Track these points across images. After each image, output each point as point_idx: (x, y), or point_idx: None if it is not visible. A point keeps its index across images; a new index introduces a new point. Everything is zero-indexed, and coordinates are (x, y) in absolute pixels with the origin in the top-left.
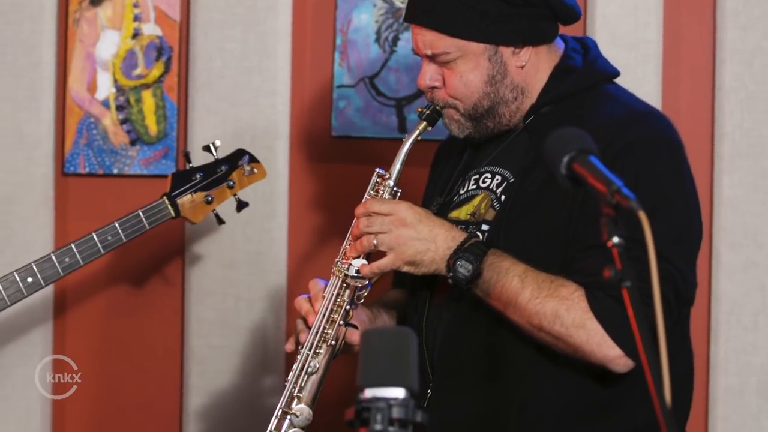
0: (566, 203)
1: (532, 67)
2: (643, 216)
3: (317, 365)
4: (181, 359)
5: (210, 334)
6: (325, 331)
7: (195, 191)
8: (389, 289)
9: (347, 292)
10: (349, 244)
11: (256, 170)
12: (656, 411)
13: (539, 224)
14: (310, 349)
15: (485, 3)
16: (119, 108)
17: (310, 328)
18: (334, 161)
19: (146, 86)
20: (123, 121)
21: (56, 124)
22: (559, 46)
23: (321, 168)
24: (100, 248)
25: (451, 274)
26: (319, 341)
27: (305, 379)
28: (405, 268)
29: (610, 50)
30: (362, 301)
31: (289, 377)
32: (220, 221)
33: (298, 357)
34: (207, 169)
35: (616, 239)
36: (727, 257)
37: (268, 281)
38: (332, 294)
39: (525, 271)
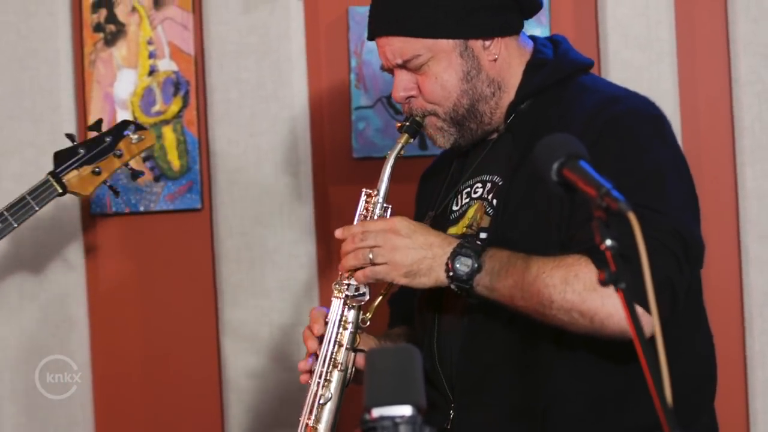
0: (556, 194)
1: (504, 61)
2: (632, 217)
3: (330, 394)
4: (220, 390)
5: (247, 363)
6: (334, 356)
7: (80, 165)
8: (387, 329)
9: (351, 313)
10: None
11: (143, 137)
12: (656, 407)
13: (534, 220)
14: (320, 377)
15: (447, 0)
16: None
17: (315, 355)
18: (357, 183)
19: (166, 122)
20: (145, 159)
21: None
22: (528, 43)
23: (344, 190)
24: None
25: (451, 274)
26: (328, 368)
27: (319, 409)
28: (402, 281)
29: (623, 52)
30: (367, 324)
31: (303, 409)
32: (116, 193)
33: (309, 387)
34: (90, 144)
35: (609, 242)
36: (755, 250)
37: (300, 307)
38: (336, 317)
39: (528, 255)
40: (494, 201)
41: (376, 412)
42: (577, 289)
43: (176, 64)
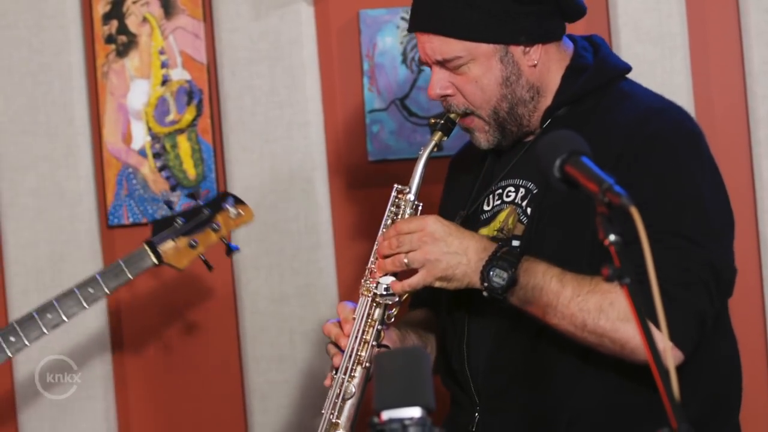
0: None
1: (544, 66)
2: (634, 211)
3: (353, 390)
4: (243, 397)
5: (268, 370)
6: (359, 353)
7: (177, 237)
8: (408, 311)
9: (377, 311)
10: (374, 263)
11: (242, 212)
12: (665, 404)
13: (569, 233)
14: (345, 373)
15: (491, 3)
16: (156, 155)
17: (343, 352)
18: (374, 186)
19: (180, 131)
20: (161, 168)
21: (96, 178)
22: (569, 45)
23: (361, 194)
24: (83, 302)
25: (486, 284)
26: (353, 364)
27: (342, 404)
28: (437, 284)
29: (635, 46)
30: (392, 320)
31: (325, 404)
32: (209, 267)
33: (333, 382)
34: (189, 214)
35: (612, 237)
36: None
37: (320, 312)
38: (363, 314)
39: (562, 272)
40: (528, 209)
41: (386, 415)
42: (611, 318)
43: (189, 73)
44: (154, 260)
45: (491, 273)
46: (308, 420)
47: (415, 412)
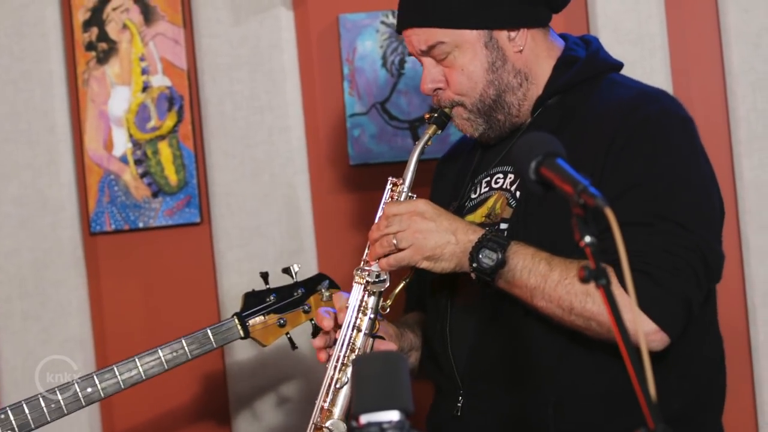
0: None
1: (531, 52)
2: (609, 212)
3: (346, 379)
4: (227, 403)
5: (252, 376)
6: (353, 341)
7: (267, 313)
8: (403, 314)
9: (371, 299)
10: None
11: (333, 297)
12: (641, 401)
13: (558, 215)
14: (337, 361)
15: None
16: (137, 162)
17: (335, 341)
18: (355, 190)
19: (161, 137)
20: (143, 175)
21: (77, 185)
22: (560, 42)
23: (343, 198)
24: (165, 364)
25: (474, 265)
26: (347, 352)
27: (335, 392)
28: (424, 264)
29: (615, 47)
30: (387, 311)
31: (319, 392)
32: (294, 346)
33: (327, 370)
34: (282, 291)
35: (588, 239)
36: (756, 240)
37: None
38: (356, 302)
39: (550, 256)
40: (517, 193)
41: (364, 419)
42: (597, 301)
43: (169, 79)
44: (242, 334)
45: (481, 254)
46: (291, 423)
47: (393, 415)
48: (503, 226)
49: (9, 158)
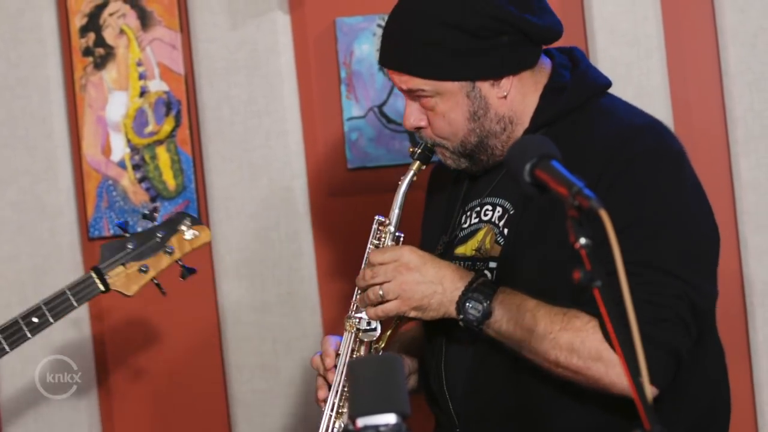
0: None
1: (517, 95)
2: (604, 214)
3: (342, 426)
4: (227, 407)
5: (252, 379)
6: (346, 389)
7: (127, 262)
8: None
9: (362, 347)
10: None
11: (198, 233)
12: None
13: (545, 255)
14: (332, 410)
15: (452, 40)
16: (135, 167)
17: (329, 386)
18: (353, 194)
19: (159, 142)
20: (141, 180)
21: (76, 190)
22: (546, 64)
23: (341, 202)
24: (27, 332)
25: (461, 316)
26: (340, 400)
27: None
28: (412, 314)
29: (611, 49)
30: (380, 354)
31: None
32: (162, 292)
33: (322, 419)
34: (141, 237)
35: (583, 240)
36: (754, 241)
37: (303, 320)
38: (347, 350)
39: (537, 306)
40: (505, 230)
41: (361, 422)
42: (582, 356)
43: (166, 84)
44: (101, 288)
45: (467, 304)
46: (291, 428)
47: (390, 418)
48: (492, 264)
49: (7, 164)
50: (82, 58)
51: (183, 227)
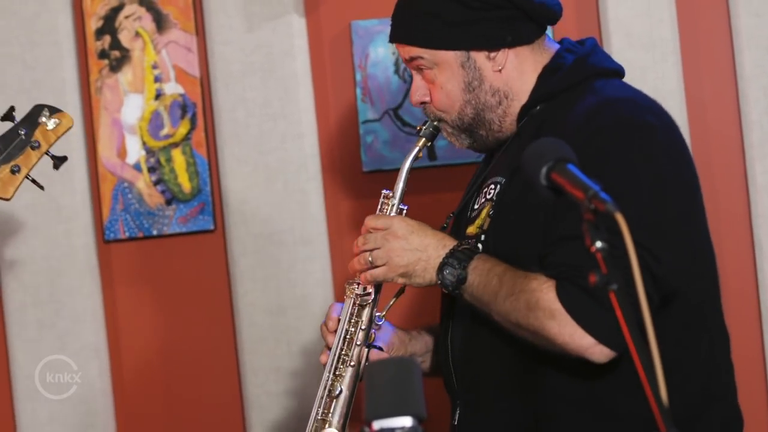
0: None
1: (514, 70)
2: (620, 217)
3: (340, 387)
4: (242, 410)
5: (267, 381)
6: (344, 353)
7: None
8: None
9: (365, 311)
10: None
11: (60, 120)
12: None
13: (522, 226)
14: (330, 372)
15: (448, 11)
16: (151, 169)
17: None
18: (368, 197)
19: (175, 145)
20: (156, 182)
21: (91, 193)
22: (551, 46)
23: (356, 205)
24: None
25: (439, 282)
26: (338, 363)
27: (329, 402)
28: (400, 280)
29: (626, 52)
30: (382, 322)
31: (314, 403)
32: (40, 187)
33: (322, 381)
34: (4, 140)
35: (599, 244)
36: None
37: (317, 323)
38: (347, 315)
39: (504, 271)
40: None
41: (377, 425)
42: (538, 315)
43: (182, 86)
44: None
45: (445, 270)
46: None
47: (406, 421)
48: (483, 237)
49: None
50: (98, 60)
51: (43, 119)
